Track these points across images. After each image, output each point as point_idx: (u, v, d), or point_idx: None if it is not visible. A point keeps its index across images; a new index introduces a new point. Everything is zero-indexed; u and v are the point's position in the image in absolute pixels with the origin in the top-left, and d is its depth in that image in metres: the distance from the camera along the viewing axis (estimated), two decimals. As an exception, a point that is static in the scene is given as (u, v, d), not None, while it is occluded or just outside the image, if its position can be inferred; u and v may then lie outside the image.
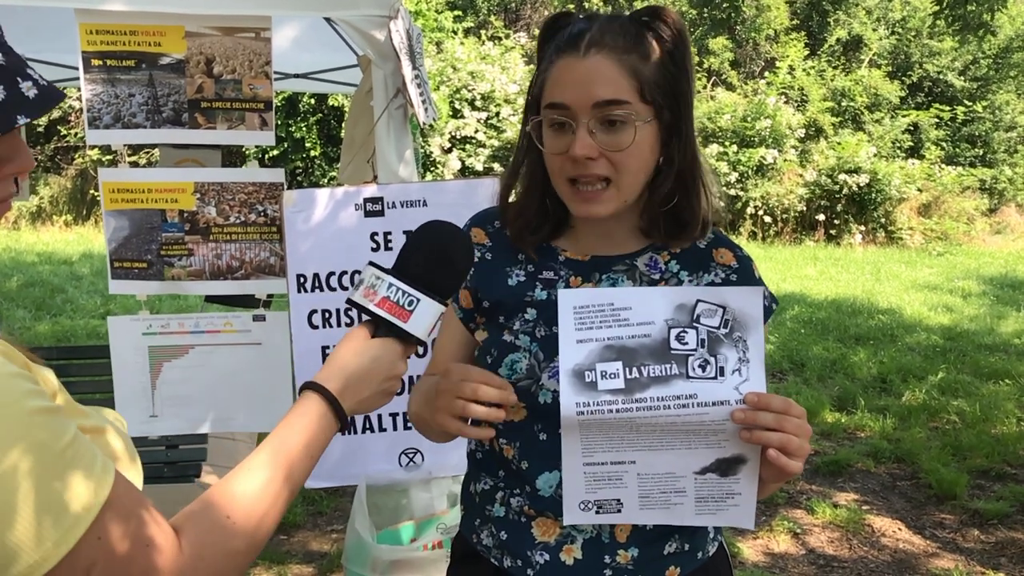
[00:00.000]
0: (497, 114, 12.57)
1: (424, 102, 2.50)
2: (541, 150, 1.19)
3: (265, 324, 2.55)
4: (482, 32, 15.36)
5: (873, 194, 12.90)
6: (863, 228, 13.13)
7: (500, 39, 14.86)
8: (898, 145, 14.67)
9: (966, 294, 9.04)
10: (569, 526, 1.18)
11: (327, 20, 3.03)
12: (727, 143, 13.13)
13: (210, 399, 2.56)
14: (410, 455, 2.53)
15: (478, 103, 12.58)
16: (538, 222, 1.25)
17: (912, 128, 15.00)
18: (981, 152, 15.74)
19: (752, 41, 17.03)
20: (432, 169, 11.92)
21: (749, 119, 13.43)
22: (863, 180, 12.78)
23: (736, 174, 12.86)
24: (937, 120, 15.18)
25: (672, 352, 1.04)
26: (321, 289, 2.48)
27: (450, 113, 12.30)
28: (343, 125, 4.12)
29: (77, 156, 13.64)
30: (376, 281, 1.00)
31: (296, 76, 4.30)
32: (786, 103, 14.25)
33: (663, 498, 1.08)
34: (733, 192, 12.75)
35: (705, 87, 15.47)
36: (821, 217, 13.11)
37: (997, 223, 14.26)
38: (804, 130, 13.85)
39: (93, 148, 12.52)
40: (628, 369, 1.03)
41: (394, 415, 2.54)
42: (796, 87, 14.73)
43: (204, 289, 2.58)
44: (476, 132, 12.32)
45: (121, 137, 2.43)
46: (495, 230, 1.30)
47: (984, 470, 4.25)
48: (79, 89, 2.40)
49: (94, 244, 11.03)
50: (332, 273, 2.48)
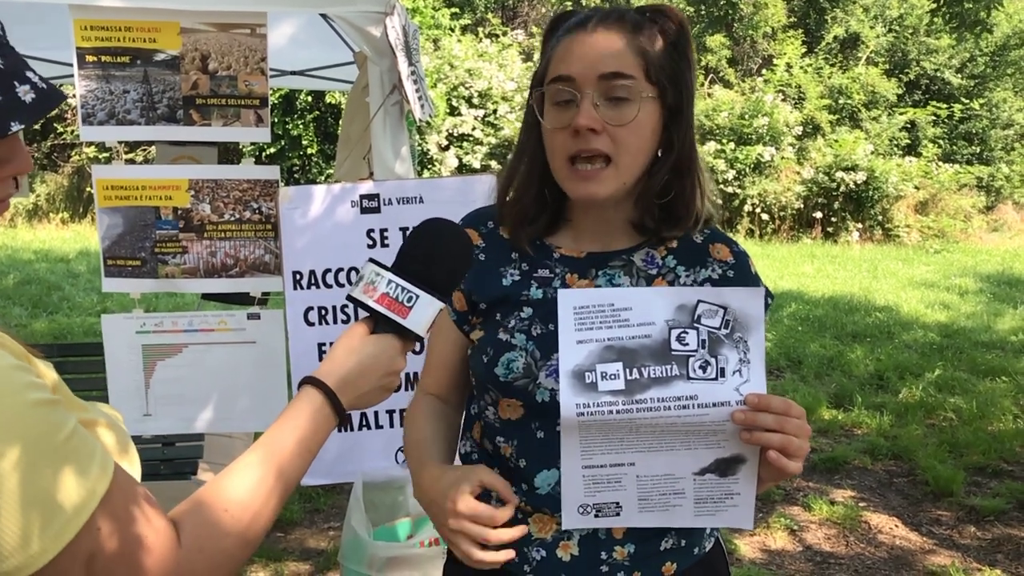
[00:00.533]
0: (494, 111, 12.54)
1: (420, 99, 2.49)
2: (542, 143, 1.20)
3: (260, 322, 2.55)
4: (479, 29, 15.32)
5: (870, 192, 12.91)
6: (860, 226, 13.14)
7: (498, 36, 14.85)
8: (895, 143, 14.68)
9: (963, 291, 9.05)
10: (566, 523, 1.18)
11: (323, 16, 3.02)
12: (724, 141, 13.13)
13: (204, 398, 2.55)
14: (406, 453, 2.52)
15: (475, 101, 12.56)
16: (535, 212, 1.24)
17: (909, 126, 15.01)
18: (978, 150, 15.76)
19: (749, 39, 17.04)
20: (429, 167, 11.89)
21: (746, 117, 13.43)
22: (860, 178, 12.78)
23: (733, 172, 12.86)
24: (934, 118, 15.20)
25: (673, 353, 1.03)
26: (317, 286, 2.47)
27: (447, 110, 12.28)
28: (340, 122, 4.11)
29: (74, 153, 13.60)
30: (376, 277, 1.01)
31: (292, 73, 4.29)
32: (783, 101, 14.25)
33: (662, 500, 1.08)
34: (730, 190, 12.76)
35: (702, 85, 15.46)
36: (818, 215, 13.11)
37: (994, 220, 14.28)
38: (801, 127, 13.85)
39: (90, 146, 12.48)
40: (628, 370, 1.03)
41: (391, 412, 2.53)
42: (793, 85, 14.73)
43: (198, 287, 2.57)
44: (473, 130, 12.30)
45: (115, 134, 2.42)
46: (488, 230, 1.29)
47: (981, 467, 4.26)
48: (75, 86, 2.39)
49: (91, 242, 11.00)
50: (328, 270, 2.47)
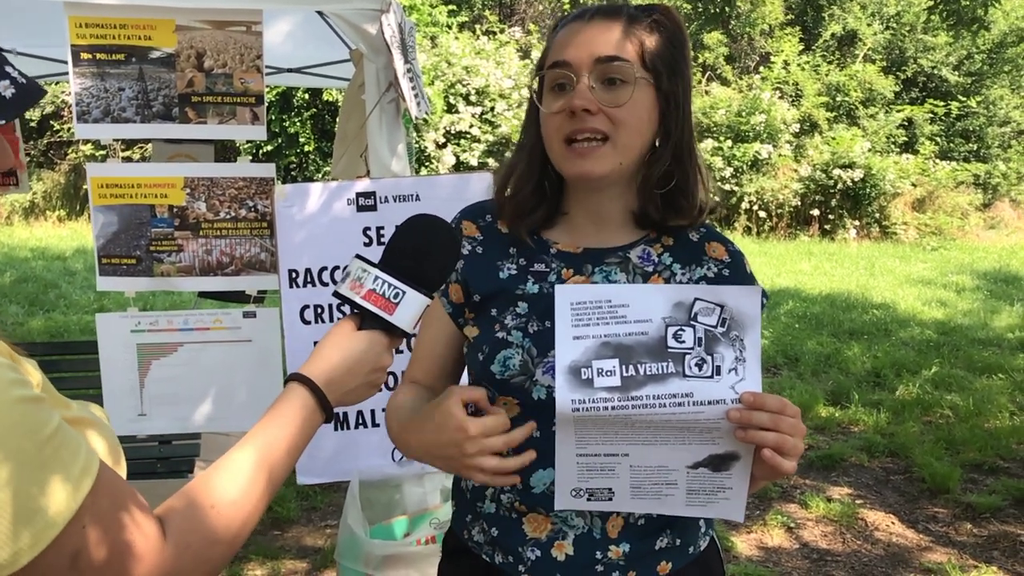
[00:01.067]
0: (492, 109, 12.53)
1: (416, 96, 2.48)
2: (542, 135, 1.20)
3: (255, 321, 2.54)
4: (477, 27, 15.29)
5: (867, 189, 12.92)
6: (857, 223, 13.15)
7: (495, 34, 14.82)
8: (892, 140, 14.69)
9: (960, 289, 9.07)
10: (560, 521, 1.18)
11: (320, 13, 3.01)
12: (722, 138, 13.13)
13: (199, 397, 2.54)
14: (403, 451, 2.52)
15: (473, 98, 12.54)
16: (533, 204, 1.24)
17: (906, 123, 15.02)
18: (975, 147, 15.78)
19: (747, 36, 17.02)
20: (427, 164, 11.88)
21: (744, 114, 13.44)
22: (857, 175, 12.80)
23: (731, 169, 12.87)
24: (931, 115, 15.22)
25: (669, 350, 1.03)
26: (313, 284, 2.46)
27: (444, 108, 12.26)
28: (337, 120, 4.10)
29: (70, 151, 13.57)
30: (362, 274, 1.01)
31: (289, 70, 4.28)
32: (781, 98, 14.26)
33: (654, 489, 1.08)
34: (728, 187, 12.76)
35: (700, 82, 15.45)
36: (815, 212, 13.12)
37: (991, 218, 14.30)
38: (799, 125, 13.86)
39: (87, 143, 12.45)
40: (624, 367, 1.02)
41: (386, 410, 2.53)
42: (791, 82, 14.74)
43: (194, 285, 2.56)
44: (471, 127, 12.29)
45: (110, 131, 2.41)
46: (486, 224, 1.29)
47: (977, 464, 4.26)
48: (70, 83, 2.39)
49: (87, 239, 10.97)
50: (324, 268, 2.46)
